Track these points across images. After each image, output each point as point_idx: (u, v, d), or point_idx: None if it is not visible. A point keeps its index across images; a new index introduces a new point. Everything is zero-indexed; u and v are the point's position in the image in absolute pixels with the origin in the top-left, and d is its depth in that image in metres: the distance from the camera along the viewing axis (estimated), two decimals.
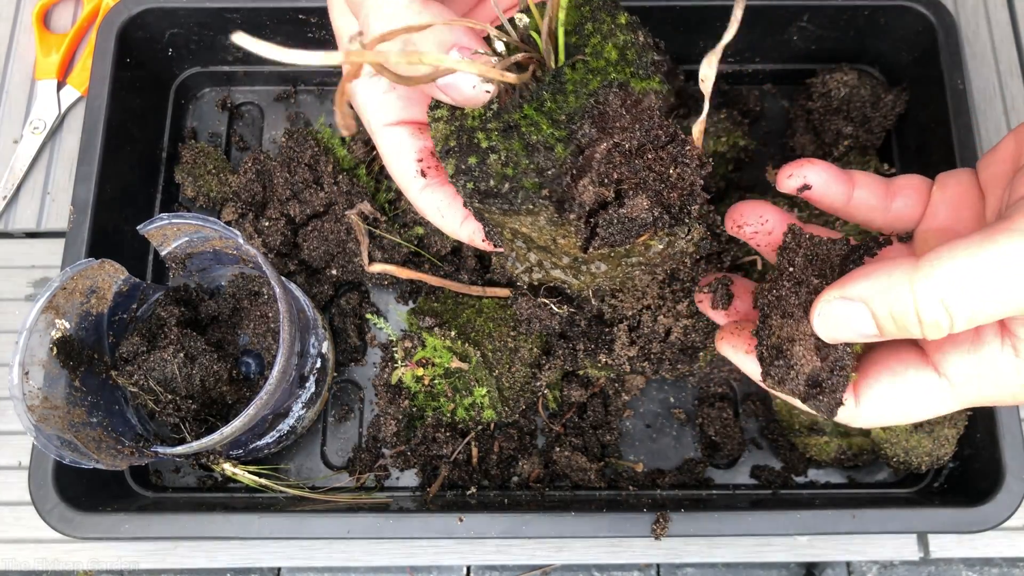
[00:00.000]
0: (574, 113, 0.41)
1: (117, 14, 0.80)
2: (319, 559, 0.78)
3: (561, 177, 0.40)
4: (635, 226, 0.42)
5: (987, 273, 0.35)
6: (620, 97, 0.41)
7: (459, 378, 0.74)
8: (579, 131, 0.41)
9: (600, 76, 0.41)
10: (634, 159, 0.42)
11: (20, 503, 0.78)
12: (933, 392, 0.42)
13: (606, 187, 0.42)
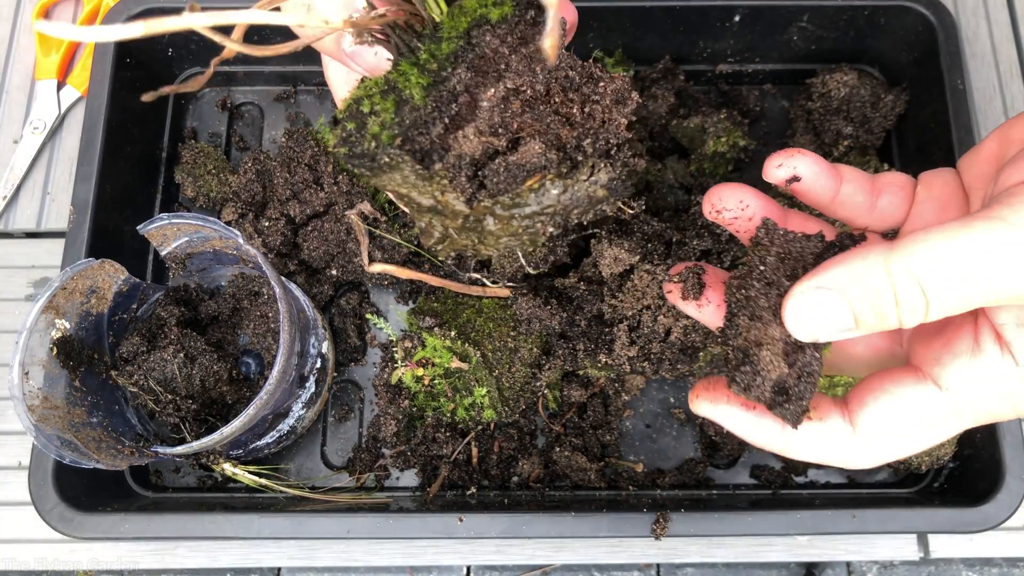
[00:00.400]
0: (446, 59, 0.38)
1: (117, 14, 0.80)
2: (319, 559, 0.78)
3: (423, 125, 0.38)
4: (521, 172, 0.39)
5: (963, 257, 0.34)
6: (496, 36, 0.38)
7: (459, 378, 0.74)
8: (451, 76, 0.38)
9: (469, 16, 0.38)
10: (539, 105, 0.39)
11: (20, 503, 0.78)
12: (936, 408, 0.40)
13: (498, 136, 0.39)
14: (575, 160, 0.40)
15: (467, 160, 0.40)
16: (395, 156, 0.39)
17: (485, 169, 0.40)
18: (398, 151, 0.38)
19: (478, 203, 0.40)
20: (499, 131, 0.40)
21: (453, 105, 0.39)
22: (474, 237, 0.43)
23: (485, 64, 0.39)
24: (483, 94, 0.39)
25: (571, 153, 0.40)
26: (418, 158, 0.39)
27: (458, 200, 0.40)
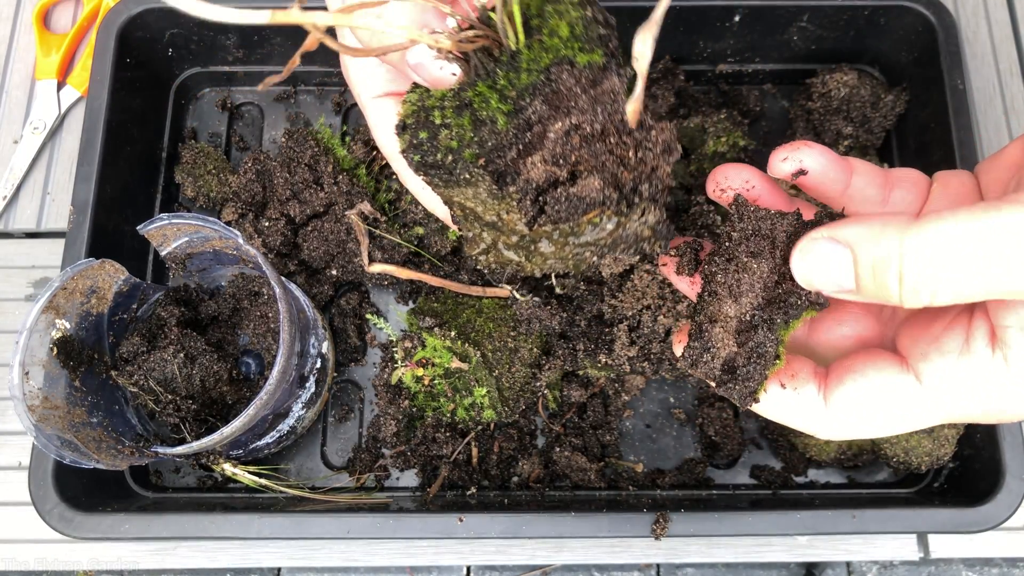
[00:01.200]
0: (525, 90, 0.40)
1: (117, 14, 0.80)
2: (319, 559, 0.78)
3: (502, 149, 0.40)
4: (582, 204, 0.42)
5: (985, 241, 0.32)
6: (572, 75, 0.40)
7: (459, 378, 0.74)
8: (528, 107, 0.40)
9: (552, 53, 0.41)
10: (595, 143, 0.42)
11: (20, 503, 0.78)
12: (911, 399, 0.39)
13: (560, 167, 0.42)
14: (631, 200, 0.42)
15: (533, 185, 0.42)
16: (476, 174, 0.41)
17: (547, 196, 0.42)
18: (481, 170, 0.41)
19: (539, 226, 0.43)
20: (560, 162, 0.42)
21: (528, 133, 0.41)
22: (523, 255, 0.45)
23: (558, 99, 0.41)
24: (551, 126, 0.41)
25: (627, 194, 0.42)
26: (495, 179, 0.41)
27: (520, 221, 0.43)
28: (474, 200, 0.43)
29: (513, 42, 0.41)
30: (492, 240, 0.45)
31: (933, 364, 0.39)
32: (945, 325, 0.40)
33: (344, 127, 0.89)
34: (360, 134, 0.86)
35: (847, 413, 0.41)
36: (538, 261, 0.45)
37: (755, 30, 0.84)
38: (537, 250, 0.44)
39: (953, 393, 0.38)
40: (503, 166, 0.41)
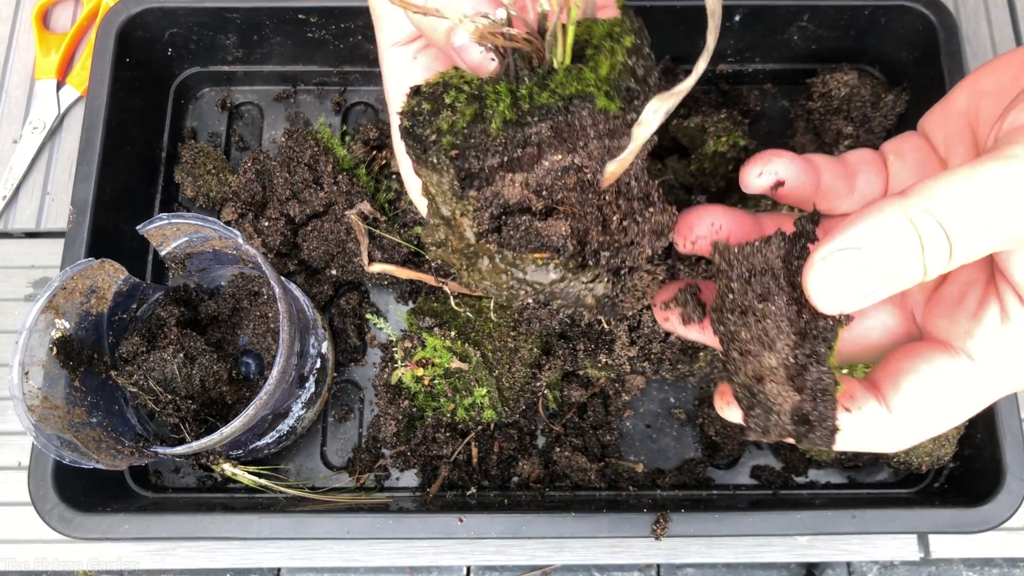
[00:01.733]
0: (539, 108, 0.39)
1: (116, 14, 0.80)
2: (319, 559, 0.78)
3: (483, 153, 0.39)
4: (536, 241, 0.40)
5: (982, 195, 0.33)
6: (592, 116, 0.39)
7: (459, 378, 0.74)
8: (533, 126, 0.39)
9: (582, 86, 0.39)
10: (588, 192, 0.40)
11: (20, 503, 0.78)
12: (970, 382, 0.38)
13: (539, 197, 0.40)
14: (585, 262, 0.40)
15: (500, 201, 0.40)
16: (443, 163, 0.40)
17: (509, 219, 0.40)
18: (448, 161, 0.39)
19: (484, 241, 0.41)
20: (543, 193, 0.40)
21: (519, 150, 0.39)
22: (464, 264, 0.43)
23: (568, 132, 0.39)
24: (551, 155, 0.40)
25: (587, 253, 0.40)
26: (461, 175, 0.40)
27: (471, 228, 0.41)
28: (437, 188, 0.41)
29: (557, 60, 0.40)
30: (445, 236, 0.43)
31: (980, 339, 0.38)
32: (978, 299, 0.39)
33: (344, 127, 0.89)
34: (360, 134, 0.86)
35: (915, 416, 0.39)
36: (475, 278, 0.43)
37: (755, 30, 0.84)
38: (476, 266, 0.42)
39: (1007, 363, 0.38)
40: (476, 169, 0.40)
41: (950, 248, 0.34)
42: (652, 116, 0.36)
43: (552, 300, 0.42)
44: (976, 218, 0.33)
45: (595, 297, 0.41)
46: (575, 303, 0.42)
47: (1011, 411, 0.71)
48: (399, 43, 0.49)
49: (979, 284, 0.40)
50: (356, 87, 0.90)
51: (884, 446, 0.41)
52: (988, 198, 0.33)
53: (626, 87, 0.39)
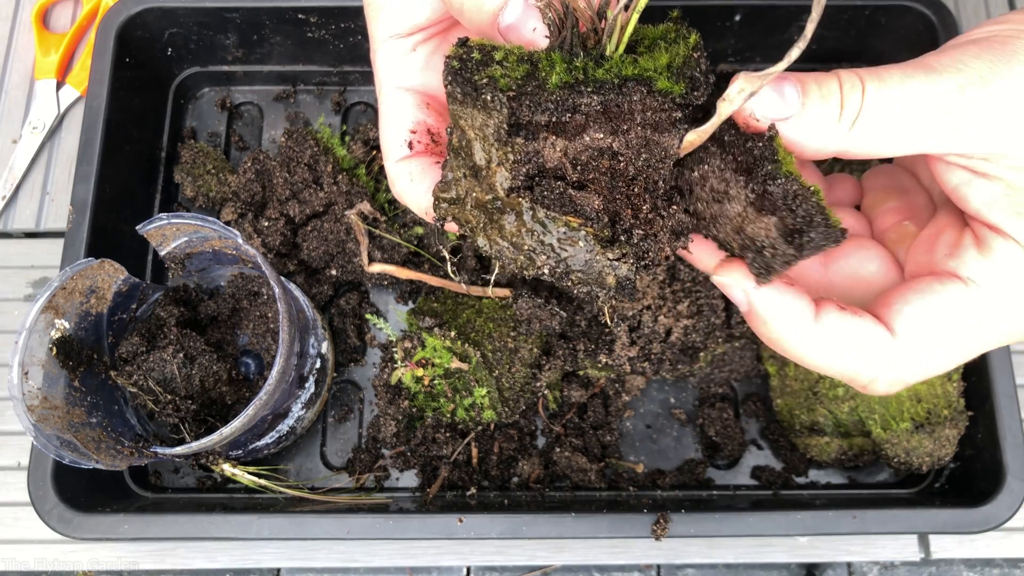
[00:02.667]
0: (594, 81, 0.39)
1: (116, 14, 0.80)
2: (318, 560, 0.78)
3: (536, 104, 0.39)
4: (571, 206, 0.40)
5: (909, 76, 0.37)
6: (641, 103, 0.39)
7: (459, 378, 0.74)
8: (584, 96, 0.39)
9: (638, 70, 0.39)
10: (619, 180, 0.41)
11: (19, 503, 0.78)
12: (967, 302, 0.39)
13: (575, 168, 0.40)
14: (617, 237, 0.41)
15: (539, 160, 0.40)
16: (497, 101, 0.39)
17: (544, 180, 0.41)
18: (504, 99, 0.39)
19: (516, 196, 0.40)
20: (578, 165, 0.41)
21: (568, 115, 0.39)
22: (484, 220, 0.42)
23: (616, 114, 0.40)
24: (593, 132, 0.40)
25: (618, 231, 0.41)
26: (512, 120, 0.39)
27: (504, 180, 0.41)
28: (478, 131, 0.41)
29: (611, 48, 0.40)
30: (465, 192, 0.43)
31: (965, 260, 0.40)
32: (955, 234, 0.41)
33: (344, 127, 0.89)
34: (360, 134, 0.86)
35: (918, 333, 0.40)
36: (493, 235, 0.42)
37: (756, 29, 0.84)
38: (499, 222, 0.42)
39: (1001, 283, 0.39)
40: (525, 119, 0.39)
41: (863, 96, 0.38)
42: (738, 95, 0.38)
43: (570, 272, 0.41)
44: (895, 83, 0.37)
45: (616, 278, 0.41)
46: (595, 280, 0.41)
47: (1011, 411, 0.71)
48: (398, 34, 0.48)
49: (955, 226, 0.42)
50: (356, 87, 0.90)
51: (886, 370, 0.40)
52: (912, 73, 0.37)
53: (690, 75, 0.40)
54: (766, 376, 0.80)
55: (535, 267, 0.42)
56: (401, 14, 0.47)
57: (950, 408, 0.73)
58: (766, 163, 0.39)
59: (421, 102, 0.48)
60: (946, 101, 0.37)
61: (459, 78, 0.40)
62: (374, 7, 0.48)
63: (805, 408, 0.75)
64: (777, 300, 0.40)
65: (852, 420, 0.74)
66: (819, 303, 0.41)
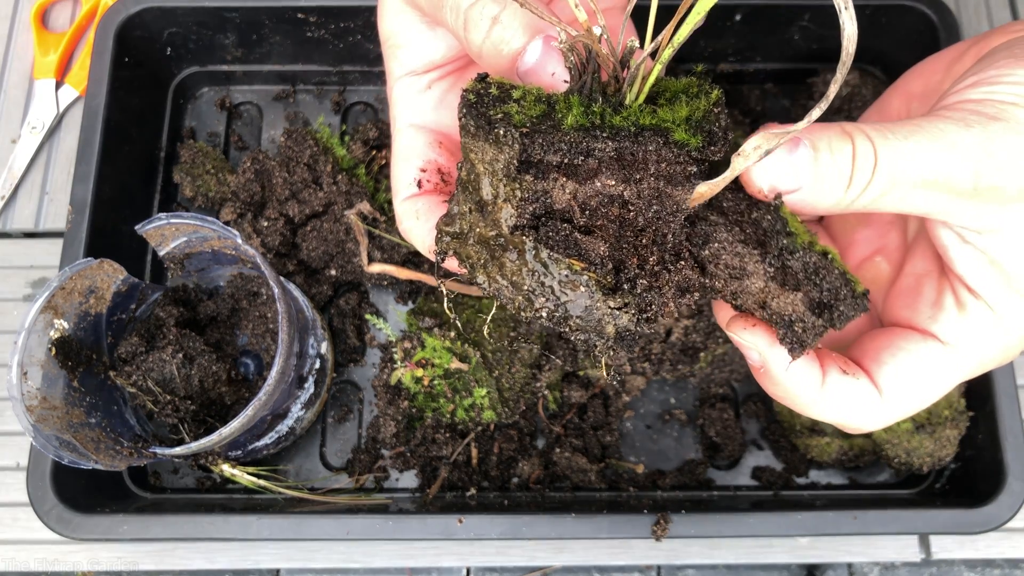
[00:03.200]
0: (610, 127, 0.39)
1: (115, 13, 0.80)
2: (318, 560, 0.78)
3: (549, 144, 0.39)
4: (576, 249, 0.40)
5: (908, 152, 0.37)
6: (657, 153, 0.39)
7: (459, 379, 0.74)
8: (599, 141, 0.39)
9: (656, 120, 0.39)
10: (627, 229, 0.40)
11: (18, 504, 0.78)
12: (944, 360, 0.43)
13: (583, 213, 0.40)
14: (620, 286, 0.40)
15: (547, 200, 0.40)
16: (510, 136, 0.39)
17: (550, 221, 0.40)
18: (517, 135, 0.39)
19: (520, 235, 0.40)
20: (587, 210, 0.40)
21: (581, 158, 0.39)
22: (485, 256, 0.42)
23: (629, 162, 0.39)
24: (605, 178, 0.40)
25: (622, 280, 0.40)
26: (522, 153, 0.39)
27: (510, 217, 0.40)
28: (487, 166, 0.41)
29: (631, 97, 0.40)
30: (469, 226, 0.42)
31: (944, 324, 0.43)
32: (935, 290, 0.44)
33: (343, 126, 0.89)
34: (359, 133, 0.86)
35: (901, 391, 0.43)
36: (492, 272, 0.42)
37: (756, 29, 0.83)
38: (500, 259, 0.41)
39: (972, 345, 0.42)
40: (536, 158, 0.39)
41: (874, 168, 0.38)
42: (753, 151, 0.37)
43: (569, 318, 0.41)
44: (907, 164, 0.37)
45: (617, 328, 0.40)
46: (593, 328, 0.41)
47: (1012, 412, 0.71)
48: (414, 71, 0.49)
49: (933, 276, 0.45)
50: (355, 87, 0.90)
51: (868, 419, 0.44)
52: (912, 150, 0.37)
53: (708, 129, 0.39)
54: None
55: (533, 309, 0.41)
56: (418, 51, 0.48)
57: (951, 408, 0.73)
58: (780, 236, 0.39)
59: (433, 140, 0.49)
60: (957, 188, 0.38)
61: (474, 111, 0.40)
62: (392, 45, 0.49)
63: None
64: (792, 367, 0.42)
65: None
66: (823, 362, 0.43)
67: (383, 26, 0.49)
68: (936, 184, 0.38)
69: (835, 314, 0.39)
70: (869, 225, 0.51)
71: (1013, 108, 0.38)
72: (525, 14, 0.41)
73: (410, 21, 0.47)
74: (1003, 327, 0.42)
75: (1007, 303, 0.41)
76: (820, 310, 0.39)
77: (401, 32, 0.48)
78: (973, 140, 0.38)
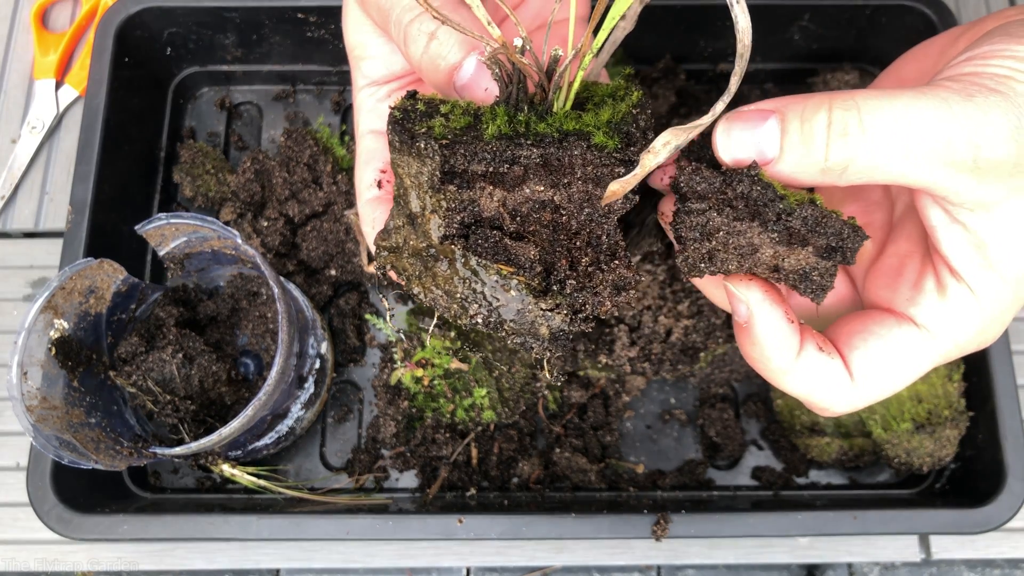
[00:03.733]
0: (534, 135, 0.40)
1: (115, 13, 0.80)
2: (318, 560, 0.78)
3: (472, 154, 0.39)
4: (504, 255, 0.40)
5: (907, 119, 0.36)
6: (583, 156, 0.39)
7: (459, 379, 0.74)
8: (524, 148, 0.39)
9: (579, 125, 0.40)
10: (560, 232, 0.41)
11: (18, 504, 0.78)
12: (918, 345, 0.42)
13: (513, 220, 0.41)
14: (550, 287, 0.41)
15: (475, 209, 0.41)
16: (431, 149, 0.40)
17: (479, 229, 0.41)
18: (436, 147, 0.39)
19: (449, 244, 0.41)
20: (517, 218, 0.41)
21: (506, 166, 0.40)
22: (420, 268, 0.43)
23: (556, 167, 0.40)
24: (533, 184, 0.40)
25: (552, 280, 0.41)
26: (444, 168, 0.40)
27: (438, 228, 0.41)
28: (413, 179, 0.41)
29: (558, 104, 0.41)
30: (403, 240, 0.43)
31: (923, 308, 0.42)
32: (916, 272, 0.43)
33: (343, 126, 0.89)
34: None
35: (872, 377, 0.42)
36: (427, 284, 0.43)
37: (756, 29, 0.83)
38: (432, 269, 0.42)
39: (950, 330, 0.41)
40: (460, 168, 0.40)
41: (854, 147, 0.37)
42: (663, 147, 0.38)
43: (504, 323, 0.41)
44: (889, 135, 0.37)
45: (550, 329, 0.41)
46: (528, 331, 0.41)
47: (1012, 412, 0.71)
48: (376, 82, 0.51)
49: (916, 257, 0.44)
50: None
51: (836, 402, 0.43)
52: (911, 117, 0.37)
53: (626, 131, 0.40)
54: None
55: (468, 316, 0.42)
56: (379, 63, 0.50)
57: (951, 408, 0.73)
58: (774, 203, 0.39)
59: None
60: (956, 158, 0.37)
61: (398, 127, 0.41)
62: (355, 56, 0.51)
63: (805, 408, 0.75)
64: (774, 328, 0.42)
65: (852, 421, 0.74)
66: (803, 336, 0.43)
67: (347, 37, 0.51)
68: (936, 154, 0.37)
69: (845, 252, 0.40)
70: (856, 201, 0.51)
71: (1011, 81, 0.38)
72: (460, 32, 0.42)
73: (371, 33, 0.49)
74: (982, 312, 0.41)
75: (989, 287, 0.40)
76: (830, 253, 0.40)
77: (363, 44, 0.50)
78: (975, 110, 0.37)
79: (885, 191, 0.50)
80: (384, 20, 0.45)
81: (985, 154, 0.37)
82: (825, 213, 0.39)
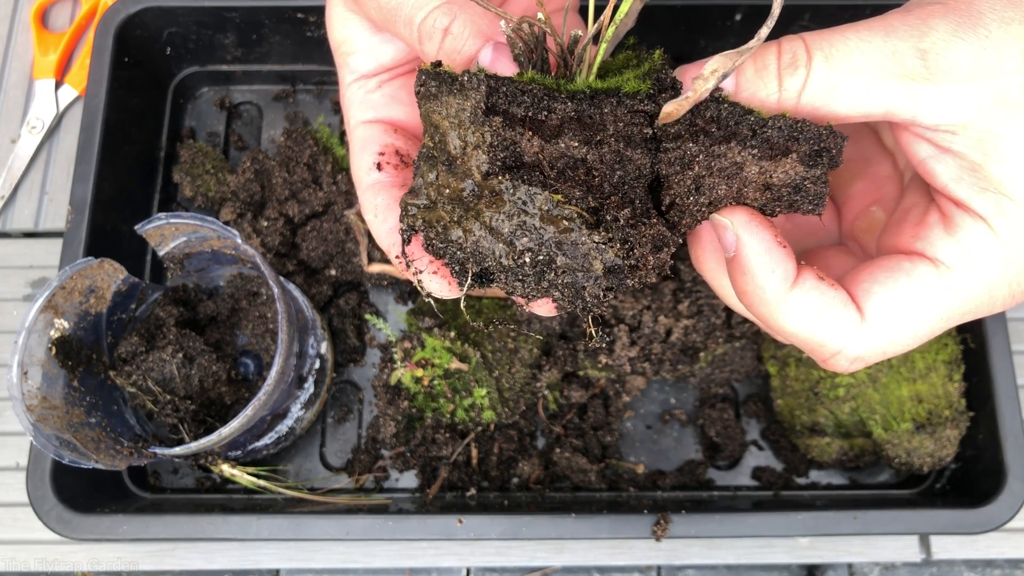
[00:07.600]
0: (568, 91, 0.40)
1: (115, 13, 0.80)
2: (318, 561, 0.78)
3: (511, 96, 0.39)
4: (552, 186, 0.39)
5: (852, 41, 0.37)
6: (613, 113, 0.40)
7: (459, 379, 0.73)
8: (557, 100, 0.39)
9: (608, 85, 0.40)
10: (595, 193, 0.40)
11: (18, 504, 0.78)
12: (934, 281, 0.40)
13: (552, 169, 0.40)
14: (603, 219, 0.39)
15: (517, 149, 0.40)
16: (476, 80, 0.39)
17: (522, 169, 0.40)
18: (480, 80, 0.39)
19: (495, 178, 0.39)
20: (555, 167, 0.40)
21: (544, 113, 0.39)
22: (460, 212, 0.41)
23: (589, 123, 0.40)
24: (569, 138, 0.40)
25: (603, 214, 0.40)
26: (488, 96, 0.39)
27: (482, 163, 0.39)
28: (453, 119, 0.40)
29: (582, 80, 0.41)
30: (436, 195, 0.41)
31: (930, 241, 0.40)
32: (921, 212, 0.42)
33: (343, 126, 0.89)
34: None
35: (886, 316, 0.40)
36: (469, 224, 0.40)
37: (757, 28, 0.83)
38: (475, 208, 0.40)
39: (969, 264, 0.39)
40: (502, 107, 0.39)
41: (809, 60, 0.38)
42: (711, 75, 0.38)
43: (553, 260, 0.39)
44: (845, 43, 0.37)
45: (603, 263, 0.39)
46: (580, 266, 0.39)
47: (1013, 412, 0.71)
48: (365, 76, 0.50)
49: (921, 205, 0.43)
50: None
51: (844, 342, 0.40)
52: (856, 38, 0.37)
53: (656, 77, 0.41)
54: (767, 376, 0.80)
55: (515, 253, 0.40)
56: (367, 57, 0.50)
57: (951, 408, 0.73)
58: (745, 118, 0.39)
59: (388, 128, 0.50)
60: (906, 68, 0.37)
61: (434, 75, 0.40)
62: (342, 52, 0.51)
63: (806, 409, 0.75)
64: (765, 252, 0.40)
65: (853, 421, 0.74)
66: (800, 269, 0.41)
67: (332, 34, 0.51)
68: (884, 68, 0.37)
69: (832, 154, 0.39)
70: (865, 178, 0.50)
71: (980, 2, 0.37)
72: (474, 22, 0.42)
73: (358, 28, 0.49)
74: (1002, 242, 0.38)
75: (1000, 212, 0.38)
76: (816, 159, 0.39)
77: (350, 40, 0.50)
78: (915, 19, 0.37)
79: (893, 166, 0.49)
80: (388, 20, 0.45)
81: (933, 58, 0.37)
82: (799, 120, 0.39)
